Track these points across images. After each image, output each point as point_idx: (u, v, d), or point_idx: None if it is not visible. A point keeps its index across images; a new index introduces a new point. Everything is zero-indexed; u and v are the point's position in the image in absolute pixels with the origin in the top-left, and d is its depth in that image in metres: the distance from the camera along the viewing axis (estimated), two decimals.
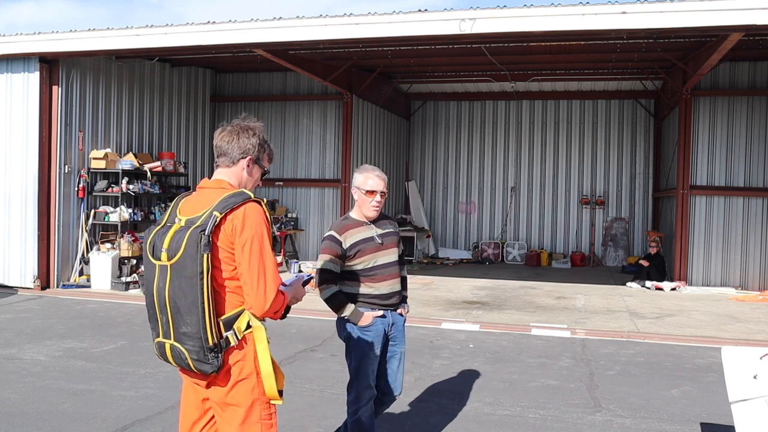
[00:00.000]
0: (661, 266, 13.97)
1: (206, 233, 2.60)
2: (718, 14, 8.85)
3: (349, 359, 4.12)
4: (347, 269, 4.05)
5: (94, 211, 12.30)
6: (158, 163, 13.28)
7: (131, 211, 12.44)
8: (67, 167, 11.87)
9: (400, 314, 4.22)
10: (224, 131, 2.89)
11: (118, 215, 12.19)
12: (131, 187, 12.46)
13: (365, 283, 4.05)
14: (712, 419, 5.45)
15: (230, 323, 2.71)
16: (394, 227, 4.28)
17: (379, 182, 4.07)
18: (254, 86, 16.88)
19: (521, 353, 7.71)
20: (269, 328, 3.31)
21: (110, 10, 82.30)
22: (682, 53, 13.30)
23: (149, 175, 12.95)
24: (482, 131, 19.99)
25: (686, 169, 13.73)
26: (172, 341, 2.71)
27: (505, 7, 9.56)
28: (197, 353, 2.65)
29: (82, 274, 12.14)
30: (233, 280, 2.70)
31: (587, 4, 9.22)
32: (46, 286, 11.67)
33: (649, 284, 13.46)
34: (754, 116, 13.87)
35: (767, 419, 3.21)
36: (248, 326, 2.72)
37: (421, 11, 9.84)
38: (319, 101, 16.28)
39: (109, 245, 12.17)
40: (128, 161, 12.52)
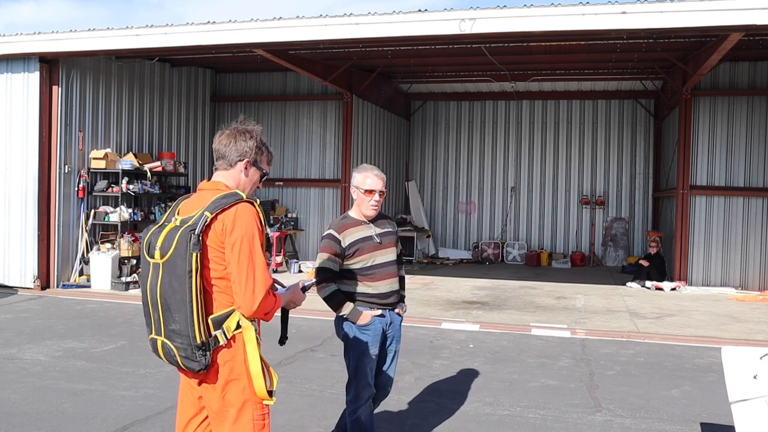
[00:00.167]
0: (661, 266, 13.97)
1: (196, 232, 2.63)
2: (718, 14, 8.85)
3: (347, 359, 4.13)
4: (346, 268, 4.06)
5: (94, 211, 12.30)
6: (158, 163, 13.29)
7: (131, 211, 12.45)
8: (67, 167, 11.87)
9: (397, 314, 4.23)
10: (222, 135, 2.92)
11: (118, 215, 12.20)
12: (131, 187, 12.47)
13: (363, 282, 4.06)
14: (712, 419, 5.45)
15: (220, 322, 2.73)
16: (392, 227, 4.29)
17: (377, 181, 4.08)
18: (254, 86, 16.88)
19: (521, 353, 7.71)
20: (269, 328, 3.30)
21: (110, 10, 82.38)
22: (682, 53, 13.30)
23: (149, 175, 12.96)
24: (482, 131, 19.99)
25: (686, 169, 13.73)
26: (162, 338, 2.75)
27: (505, 7, 9.56)
28: (185, 350, 2.68)
29: (82, 274, 12.15)
30: (223, 279, 2.72)
31: (587, 4, 9.22)
32: (46, 286, 11.67)
33: (649, 284, 13.46)
34: (754, 116, 13.87)
35: (767, 419, 3.21)
36: (238, 326, 2.74)
37: (421, 11, 9.85)
38: (319, 101, 16.28)
39: (109, 245, 12.18)
40: (128, 161, 12.53)
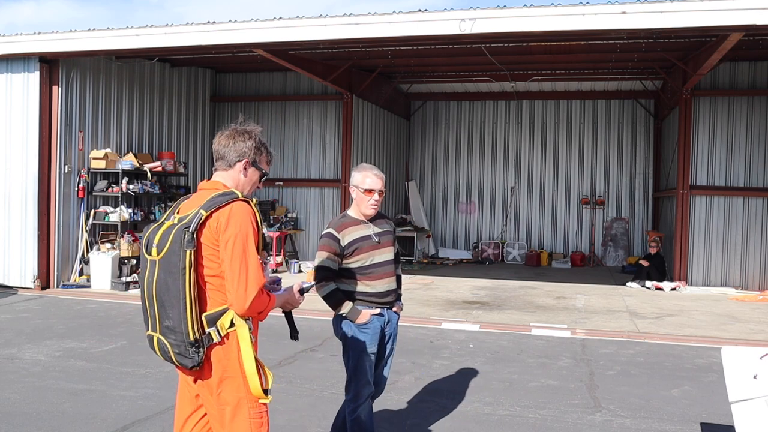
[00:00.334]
0: (661, 266, 13.97)
1: (190, 230, 2.66)
2: (718, 14, 8.85)
3: (346, 358, 4.13)
4: (344, 267, 4.07)
5: (94, 211, 12.30)
6: (158, 163, 13.29)
7: (131, 211, 12.45)
8: (67, 167, 11.87)
9: (395, 312, 4.25)
10: (222, 135, 2.95)
11: (118, 215, 12.20)
12: (131, 187, 12.47)
13: (362, 281, 4.07)
14: (712, 419, 5.45)
15: (214, 320, 2.74)
16: (390, 226, 4.31)
17: (377, 181, 4.09)
18: (254, 86, 16.88)
19: (521, 353, 7.71)
20: (269, 327, 3.29)
21: (110, 10, 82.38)
22: (682, 53, 13.30)
23: (149, 175, 12.96)
24: (482, 131, 19.99)
25: (686, 169, 13.73)
26: (158, 334, 2.78)
27: (505, 7, 9.56)
28: (179, 347, 2.71)
29: (82, 274, 12.14)
30: (218, 277, 2.73)
31: (587, 4, 9.22)
32: (46, 286, 11.67)
33: (649, 284, 13.46)
34: (754, 116, 13.87)
35: (767, 419, 3.21)
36: (232, 324, 2.75)
37: (421, 11, 9.85)
38: (319, 101, 16.28)
39: (109, 245, 12.18)
40: (128, 161, 12.53)
